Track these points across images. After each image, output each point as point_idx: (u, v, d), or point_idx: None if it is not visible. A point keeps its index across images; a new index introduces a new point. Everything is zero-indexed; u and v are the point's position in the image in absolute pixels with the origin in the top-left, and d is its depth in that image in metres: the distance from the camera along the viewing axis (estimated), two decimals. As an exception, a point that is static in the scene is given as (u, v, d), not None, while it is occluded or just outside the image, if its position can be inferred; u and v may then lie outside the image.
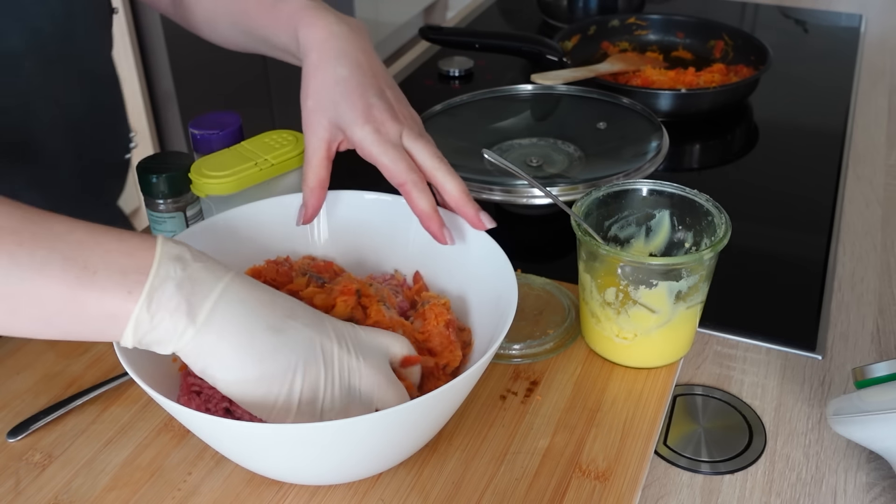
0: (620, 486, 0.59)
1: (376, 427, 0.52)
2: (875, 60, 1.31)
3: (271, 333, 0.51)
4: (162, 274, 0.48)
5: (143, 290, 0.48)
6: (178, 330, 0.49)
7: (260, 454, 0.55)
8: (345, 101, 0.65)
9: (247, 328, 0.50)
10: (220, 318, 0.49)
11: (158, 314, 0.48)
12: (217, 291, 0.50)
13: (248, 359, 0.50)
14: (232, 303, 0.50)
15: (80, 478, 0.61)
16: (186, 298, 0.49)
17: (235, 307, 0.50)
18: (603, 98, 1.00)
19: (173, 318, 0.48)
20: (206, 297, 0.49)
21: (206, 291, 0.49)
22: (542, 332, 0.72)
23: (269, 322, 0.51)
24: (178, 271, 0.49)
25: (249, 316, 0.50)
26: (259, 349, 0.50)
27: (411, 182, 0.63)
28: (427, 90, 1.24)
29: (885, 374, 0.61)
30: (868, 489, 0.62)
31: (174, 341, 0.49)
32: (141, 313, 0.48)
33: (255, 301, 0.51)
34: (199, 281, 0.50)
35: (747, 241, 0.85)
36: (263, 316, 0.51)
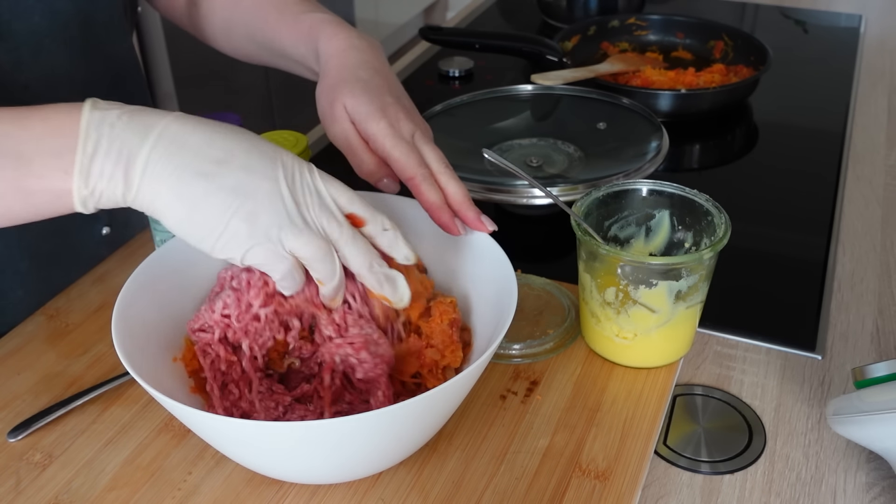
0: (620, 485, 0.59)
1: (376, 425, 0.52)
2: (875, 60, 1.31)
3: (200, 178, 0.52)
4: (90, 147, 0.51)
5: (75, 166, 0.51)
6: (119, 193, 0.52)
7: (259, 453, 0.55)
8: (364, 95, 0.67)
9: (176, 177, 0.52)
10: (153, 172, 0.52)
11: (98, 185, 0.51)
12: (146, 148, 0.52)
13: (182, 204, 0.52)
14: (162, 155, 0.52)
15: (80, 478, 0.61)
16: (116, 163, 0.51)
17: (165, 160, 0.52)
18: (603, 98, 1.00)
19: (111, 185, 0.51)
20: (136, 156, 0.51)
21: (135, 150, 0.51)
22: (542, 332, 0.72)
23: (197, 168, 0.52)
24: (105, 138, 0.51)
25: (178, 165, 0.52)
26: (190, 195, 0.52)
27: (421, 176, 0.65)
28: (427, 90, 1.24)
29: (884, 375, 0.61)
30: (868, 489, 0.62)
31: (121, 202, 0.52)
32: (80, 190, 0.51)
33: (187, 148, 0.53)
34: (128, 141, 0.51)
35: (747, 241, 0.85)
36: (192, 163, 0.52)
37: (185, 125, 0.53)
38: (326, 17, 0.74)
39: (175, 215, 0.52)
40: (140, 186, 0.51)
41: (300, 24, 0.74)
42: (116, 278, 0.80)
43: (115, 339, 0.55)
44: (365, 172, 0.68)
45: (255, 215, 0.52)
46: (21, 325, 0.75)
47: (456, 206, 0.65)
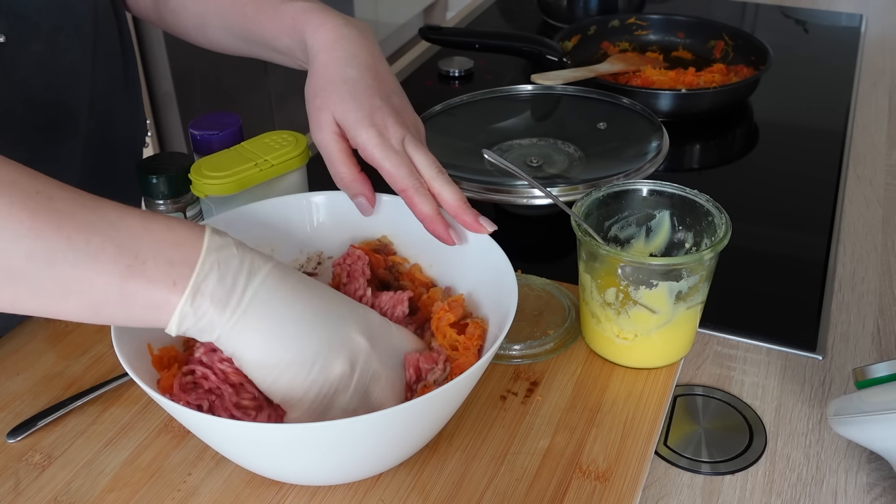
0: (621, 486, 0.59)
1: (376, 427, 0.52)
2: (875, 60, 1.31)
3: (300, 324, 0.53)
4: (206, 267, 0.50)
5: (189, 283, 0.50)
6: (218, 320, 0.51)
7: (259, 454, 0.55)
8: (352, 101, 0.65)
9: (278, 317, 0.52)
10: (255, 308, 0.52)
11: (202, 306, 0.50)
12: (256, 283, 0.52)
13: (275, 345, 0.52)
14: (268, 293, 0.52)
15: (79, 478, 0.61)
16: (228, 291, 0.51)
17: (270, 298, 0.52)
18: (603, 98, 1.00)
19: (214, 309, 0.51)
20: (246, 288, 0.52)
21: (245, 283, 0.52)
22: (543, 333, 0.72)
23: (300, 314, 0.53)
24: (221, 263, 0.51)
25: (282, 307, 0.53)
26: (286, 337, 0.52)
27: (413, 188, 0.64)
28: (427, 90, 1.24)
29: (885, 375, 0.61)
30: (868, 489, 0.62)
31: (214, 330, 0.52)
32: (185, 306, 0.50)
33: (291, 292, 0.53)
34: (240, 273, 0.52)
35: (747, 242, 0.85)
36: (296, 307, 0.53)
37: (287, 272, 0.54)
38: (309, 6, 0.71)
39: (260, 354, 0.53)
40: (245, 312, 0.51)
41: (282, 15, 0.71)
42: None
43: (114, 340, 0.55)
44: (342, 184, 0.67)
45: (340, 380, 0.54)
46: (21, 326, 0.75)
47: (452, 212, 0.65)
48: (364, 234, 0.71)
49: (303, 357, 0.53)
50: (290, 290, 0.53)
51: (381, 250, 0.70)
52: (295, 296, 0.53)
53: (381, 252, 0.70)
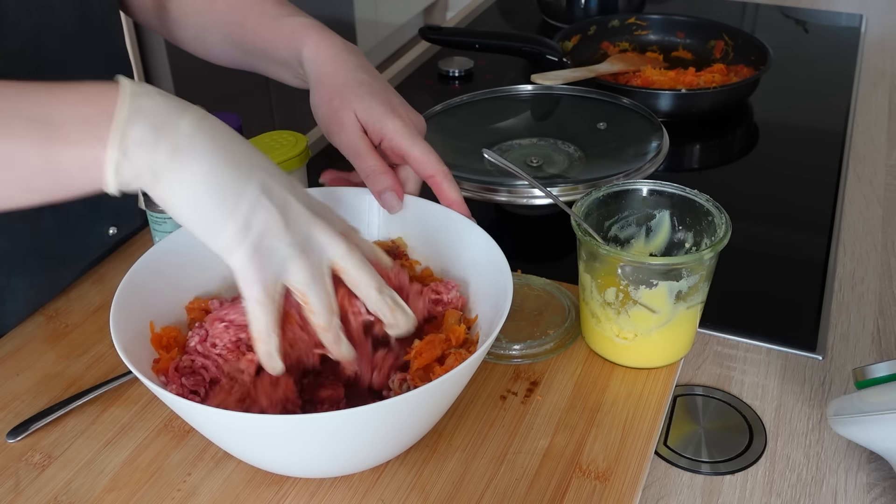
0: (621, 486, 0.59)
1: (375, 417, 0.52)
2: (875, 60, 1.31)
3: (228, 165, 0.51)
4: (126, 112, 0.49)
5: (110, 133, 0.49)
6: (149, 162, 0.49)
7: (260, 446, 0.55)
8: (372, 98, 0.68)
9: (210, 158, 0.51)
10: (187, 147, 0.50)
11: (133, 151, 0.49)
12: (186, 121, 0.51)
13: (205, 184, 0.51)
14: (198, 133, 0.51)
15: (79, 478, 0.61)
16: (156, 130, 0.49)
17: (201, 138, 0.51)
18: (603, 98, 1.00)
19: (146, 150, 0.49)
20: (177, 125, 0.50)
21: (175, 122, 0.50)
22: (543, 333, 0.72)
23: (229, 156, 0.52)
24: (145, 109, 0.50)
25: (213, 148, 0.51)
26: (217, 176, 0.51)
27: (442, 174, 0.67)
28: (427, 90, 1.24)
29: (885, 375, 0.61)
30: (868, 490, 0.62)
31: (147, 174, 0.50)
32: (113, 153, 0.49)
33: (220, 134, 0.52)
34: (169, 113, 0.50)
35: (747, 242, 0.85)
36: (226, 149, 0.52)
37: (210, 116, 0.53)
38: (308, 22, 0.73)
39: (194, 197, 0.51)
40: (172, 160, 0.49)
41: (281, 29, 0.73)
42: (116, 279, 0.80)
43: (113, 334, 0.55)
44: (373, 177, 0.68)
45: (274, 219, 0.52)
46: (20, 326, 0.75)
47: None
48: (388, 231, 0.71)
49: (234, 196, 0.51)
50: (218, 132, 0.52)
51: (393, 252, 0.70)
52: (223, 137, 0.52)
53: (392, 254, 0.70)
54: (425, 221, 0.70)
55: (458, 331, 0.62)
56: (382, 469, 0.60)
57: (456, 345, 0.61)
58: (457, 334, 0.62)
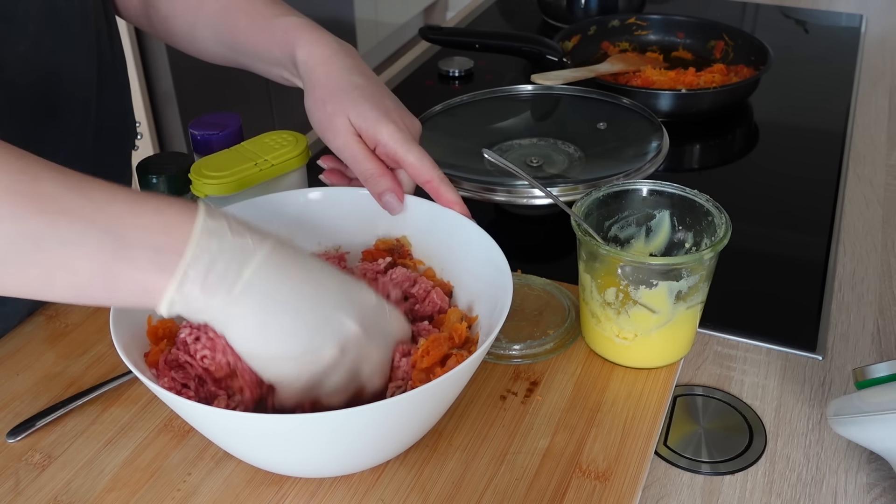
0: (621, 486, 0.59)
1: (375, 417, 0.52)
2: (875, 60, 1.31)
3: (292, 314, 0.52)
4: (196, 253, 0.49)
5: (177, 270, 0.49)
6: (208, 306, 0.50)
7: (261, 445, 0.55)
8: (366, 102, 0.67)
9: (270, 306, 0.51)
10: (247, 295, 0.51)
11: (191, 293, 0.49)
12: (249, 269, 0.51)
13: (266, 332, 0.52)
14: (261, 280, 0.51)
15: (79, 478, 0.61)
16: (219, 277, 0.50)
17: (263, 285, 0.51)
18: (603, 98, 1.00)
19: (204, 296, 0.50)
20: (238, 275, 0.50)
21: (237, 269, 0.50)
22: (543, 333, 0.72)
23: (292, 302, 0.52)
24: (213, 249, 0.50)
25: (275, 294, 0.52)
26: (277, 326, 0.52)
27: (438, 178, 0.67)
28: (427, 90, 1.24)
29: (885, 375, 0.61)
30: (868, 490, 0.62)
31: (203, 314, 0.51)
32: (173, 293, 0.49)
33: (285, 279, 0.52)
34: (233, 259, 0.50)
35: (747, 242, 0.85)
36: (289, 295, 0.52)
37: (285, 254, 0.53)
38: (301, 22, 0.72)
39: (252, 340, 0.52)
40: (230, 304, 0.50)
41: (274, 29, 0.73)
42: (116, 278, 0.80)
43: (113, 334, 0.55)
44: (372, 181, 0.68)
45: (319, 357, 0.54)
46: (20, 326, 0.75)
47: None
48: (360, 228, 0.71)
49: (294, 345, 0.53)
50: (284, 277, 0.52)
51: (397, 251, 0.70)
52: (289, 282, 0.52)
53: (396, 253, 0.70)
54: (426, 221, 0.70)
55: (461, 329, 0.62)
56: (382, 469, 0.60)
57: (458, 343, 0.61)
58: (459, 332, 0.62)
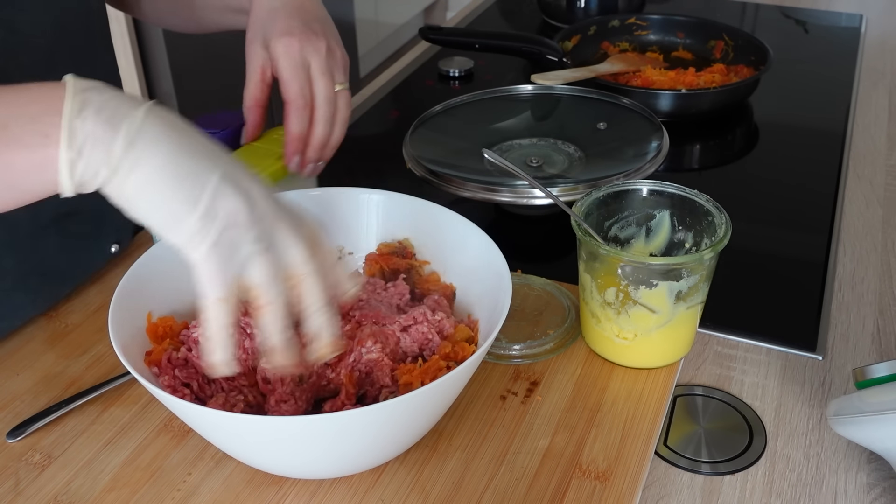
0: (621, 486, 0.59)
1: (377, 417, 0.52)
2: (875, 60, 1.31)
3: (188, 155, 0.49)
4: (76, 106, 0.47)
5: (62, 126, 0.46)
6: (105, 157, 0.47)
7: (260, 447, 0.55)
8: (271, 24, 0.72)
9: (168, 148, 0.48)
10: (144, 138, 0.47)
11: (85, 147, 0.47)
12: (140, 113, 0.48)
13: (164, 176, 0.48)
14: (153, 125, 0.48)
15: (79, 478, 0.61)
16: (107, 123, 0.47)
17: (158, 129, 0.48)
18: (603, 98, 1.00)
19: (100, 146, 0.47)
20: (129, 117, 0.47)
21: (127, 113, 0.48)
22: (543, 333, 0.72)
23: (188, 145, 0.49)
24: (94, 101, 0.47)
25: (170, 138, 0.48)
26: (176, 167, 0.48)
27: (295, 104, 0.71)
28: (427, 90, 1.24)
29: (885, 375, 0.61)
30: (868, 490, 0.62)
31: (104, 170, 0.47)
32: (66, 152, 0.46)
33: (177, 126, 0.49)
34: (119, 105, 0.48)
35: (748, 242, 0.85)
36: (183, 140, 0.49)
37: (165, 109, 0.50)
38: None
39: (154, 189, 0.48)
40: (128, 152, 0.47)
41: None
42: (116, 279, 0.79)
43: (112, 335, 0.55)
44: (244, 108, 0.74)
45: (238, 212, 0.49)
46: (20, 326, 0.75)
47: (308, 145, 0.73)
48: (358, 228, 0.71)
49: (196, 187, 0.48)
50: (174, 123, 0.49)
51: (401, 252, 0.70)
52: (181, 129, 0.49)
53: (400, 254, 0.70)
54: (424, 222, 0.70)
55: (467, 350, 0.61)
56: (382, 469, 0.60)
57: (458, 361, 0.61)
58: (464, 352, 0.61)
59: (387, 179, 0.86)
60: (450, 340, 0.62)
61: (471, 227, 0.66)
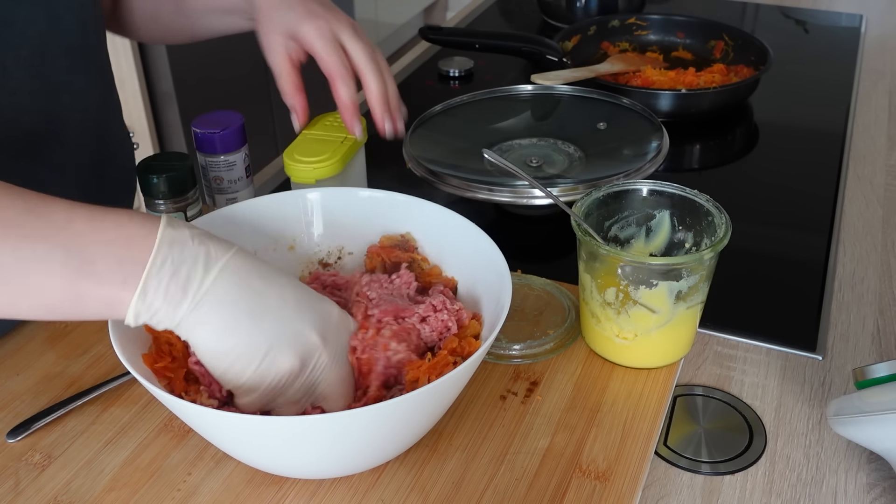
0: (621, 486, 0.59)
1: (378, 417, 0.52)
2: (875, 60, 1.31)
3: (251, 318, 0.53)
4: (157, 264, 0.50)
5: (139, 281, 0.50)
6: (172, 314, 0.51)
7: (260, 447, 0.55)
8: (290, 11, 0.74)
9: (230, 311, 0.52)
10: (208, 302, 0.52)
11: (154, 303, 0.51)
12: (211, 276, 0.52)
13: (226, 337, 0.53)
14: (222, 287, 0.52)
15: (79, 478, 0.61)
16: (181, 286, 0.51)
17: (224, 292, 0.52)
18: (603, 98, 1.00)
19: (167, 305, 0.51)
20: (201, 282, 0.51)
21: (200, 277, 0.51)
22: (543, 333, 0.72)
23: (252, 308, 0.53)
24: (174, 258, 0.51)
25: (235, 300, 0.52)
26: (237, 330, 0.53)
27: (339, 75, 0.74)
28: (427, 90, 1.24)
29: (885, 375, 0.61)
30: (868, 490, 0.62)
31: (168, 322, 0.52)
32: (137, 304, 0.50)
33: (246, 286, 0.53)
34: (194, 267, 0.51)
35: (747, 242, 0.85)
36: (250, 302, 0.53)
37: (246, 263, 0.54)
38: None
39: (213, 344, 0.53)
40: (192, 310, 0.51)
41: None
42: (116, 278, 0.80)
43: (111, 334, 0.55)
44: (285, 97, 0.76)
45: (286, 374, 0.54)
46: (21, 326, 0.75)
47: (371, 101, 0.76)
48: (357, 227, 0.71)
49: (252, 350, 0.53)
50: (245, 283, 0.53)
51: (403, 246, 0.70)
52: (249, 289, 0.53)
53: (402, 248, 0.70)
54: (424, 222, 0.70)
55: (473, 345, 0.61)
56: (382, 469, 0.60)
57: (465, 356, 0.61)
58: (470, 347, 0.61)
59: (387, 179, 0.86)
60: (458, 335, 0.62)
61: (471, 227, 0.66)
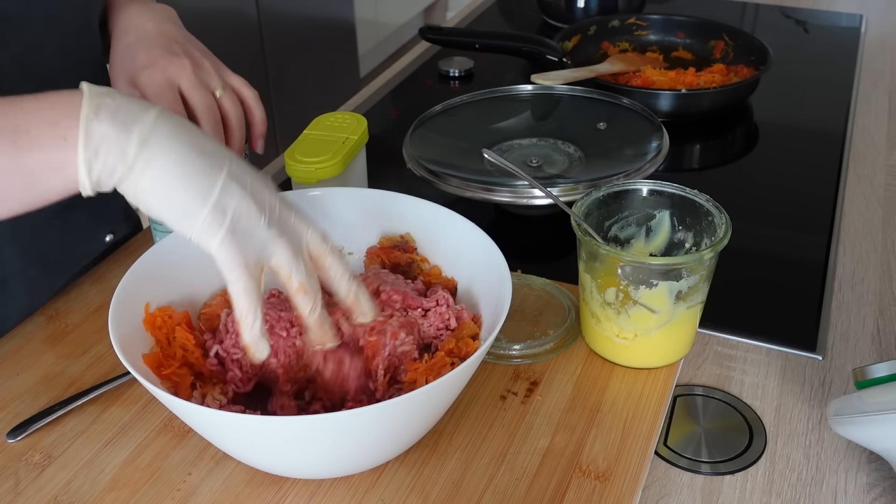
0: (621, 486, 0.59)
1: (378, 417, 0.52)
2: (875, 60, 1.31)
3: (200, 154, 0.51)
4: (92, 110, 0.50)
5: (79, 129, 0.49)
6: (121, 155, 0.49)
7: (260, 447, 0.55)
8: (131, 60, 0.73)
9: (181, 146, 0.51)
10: (157, 138, 0.50)
11: (100, 147, 0.49)
12: (150, 116, 0.51)
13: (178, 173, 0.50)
14: (166, 125, 0.51)
15: (79, 478, 0.61)
16: (124, 124, 0.50)
17: (170, 129, 0.51)
18: (603, 98, 1.00)
19: (115, 145, 0.49)
20: (140, 120, 0.50)
21: (139, 116, 0.50)
22: (543, 333, 0.72)
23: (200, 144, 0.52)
24: (108, 104, 0.50)
25: (181, 137, 0.51)
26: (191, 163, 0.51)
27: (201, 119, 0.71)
28: (427, 90, 1.24)
29: (885, 375, 0.61)
30: (868, 490, 0.62)
31: (122, 166, 0.50)
32: (83, 153, 0.49)
33: (185, 125, 0.52)
34: (131, 109, 0.51)
35: (747, 242, 0.85)
36: (193, 138, 0.52)
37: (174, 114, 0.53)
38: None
39: (167, 185, 0.50)
40: (141, 150, 0.49)
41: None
42: (115, 279, 0.79)
43: (111, 334, 0.55)
44: None
45: (247, 203, 0.52)
46: (20, 326, 0.75)
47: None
48: (357, 228, 0.71)
49: (207, 185, 0.51)
50: (183, 122, 0.52)
51: (402, 247, 0.70)
52: (189, 128, 0.52)
53: (401, 248, 0.70)
54: (424, 222, 0.70)
55: (471, 346, 0.61)
56: (382, 469, 0.60)
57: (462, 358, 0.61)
58: (467, 348, 0.61)
59: (387, 179, 0.86)
60: (455, 336, 0.62)
61: (471, 227, 0.66)
